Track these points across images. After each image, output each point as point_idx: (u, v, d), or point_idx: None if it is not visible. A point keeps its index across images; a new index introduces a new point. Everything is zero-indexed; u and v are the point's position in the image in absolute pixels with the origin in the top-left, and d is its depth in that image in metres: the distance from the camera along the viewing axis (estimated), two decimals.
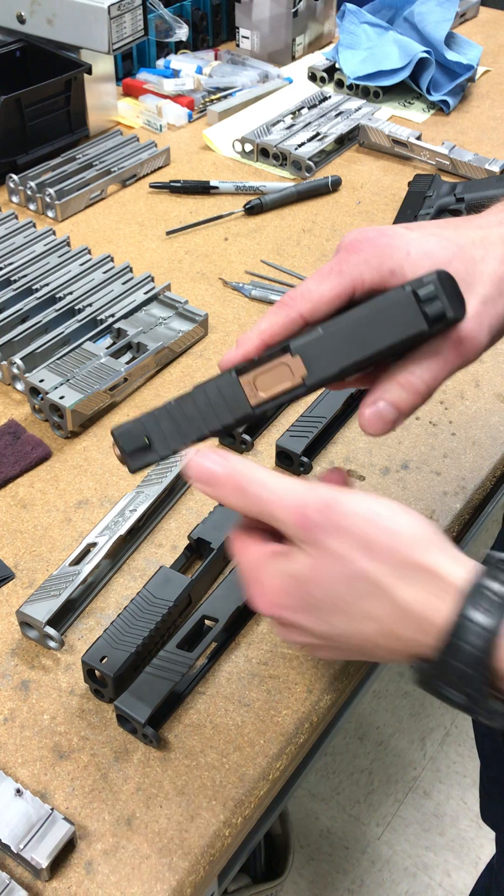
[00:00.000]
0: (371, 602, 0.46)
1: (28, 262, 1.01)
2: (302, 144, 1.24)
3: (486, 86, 1.48)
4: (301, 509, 0.47)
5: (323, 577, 0.47)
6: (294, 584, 0.48)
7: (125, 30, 1.19)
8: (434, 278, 0.47)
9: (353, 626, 0.47)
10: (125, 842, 0.56)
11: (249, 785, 0.59)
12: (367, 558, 0.46)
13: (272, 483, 0.48)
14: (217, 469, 0.49)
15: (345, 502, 0.47)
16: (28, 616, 0.65)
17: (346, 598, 0.47)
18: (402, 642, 0.47)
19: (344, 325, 0.49)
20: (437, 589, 0.45)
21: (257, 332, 0.53)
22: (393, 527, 0.46)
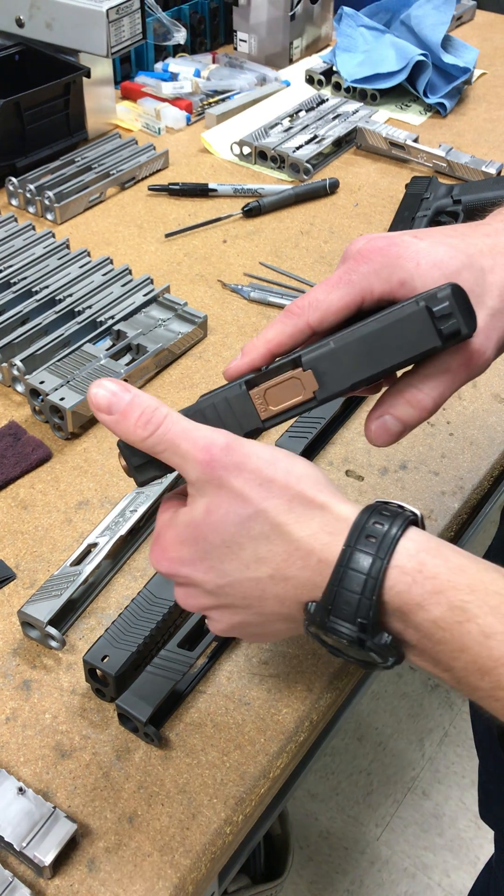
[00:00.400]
0: (264, 544, 0.48)
1: (28, 264, 1.01)
2: (300, 147, 1.25)
3: (483, 88, 1.49)
4: (207, 447, 0.48)
5: (217, 518, 0.48)
6: (189, 532, 0.49)
7: (124, 33, 1.20)
8: (448, 293, 0.47)
9: (245, 572, 0.49)
10: (127, 840, 0.57)
11: (250, 783, 0.60)
12: (263, 495, 0.48)
13: (180, 419, 0.49)
14: (124, 398, 0.49)
15: (247, 444, 0.49)
16: (29, 616, 0.66)
17: (239, 541, 0.48)
18: (293, 585, 0.48)
19: (356, 339, 0.49)
20: (329, 525, 0.47)
21: (264, 341, 0.53)
22: (290, 468, 0.48)
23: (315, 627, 0.48)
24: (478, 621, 0.43)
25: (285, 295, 1.01)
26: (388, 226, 1.12)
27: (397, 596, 0.45)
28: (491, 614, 0.43)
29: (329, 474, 0.81)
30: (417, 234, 0.53)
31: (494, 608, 0.43)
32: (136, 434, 0.49)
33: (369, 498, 0.79)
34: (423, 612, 0.44)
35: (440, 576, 0.44)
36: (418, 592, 0.44)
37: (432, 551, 0.45)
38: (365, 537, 0.46)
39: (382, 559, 0.45)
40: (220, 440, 0.48)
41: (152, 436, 0.49)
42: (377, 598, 0.45)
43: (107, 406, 0.49)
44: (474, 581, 0.44)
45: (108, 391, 0.49)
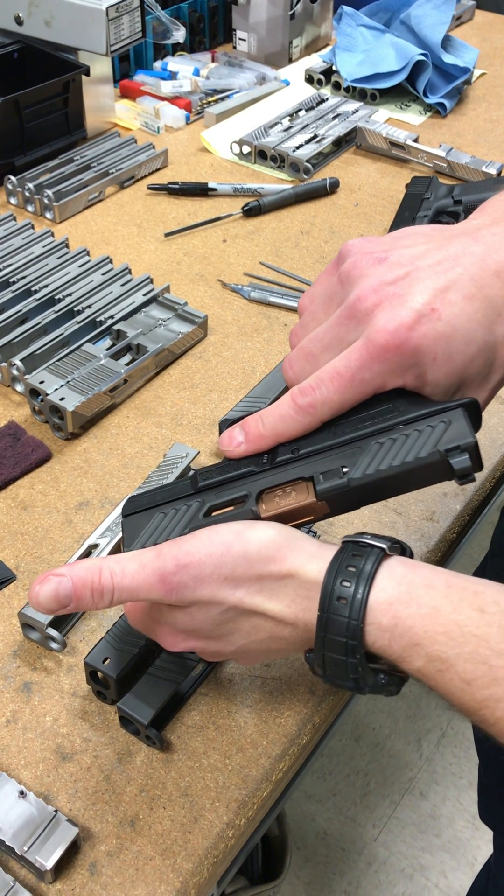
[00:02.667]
0: (250, 621, 0.51)
1: (27, 263, 1.01)
2: (300, 146, 1.24)
3: (483, 88, 1.49)
4: (161, 579, 0.50)
5: (202, 619, 0.52)
6: (181, 627, 0.53)
7: (123, 31, 1.20)
8: (470, 447, 0.48)
9: (248, 638, 0.52)
10: (129, 843, 0.56)
11: (252, 786, 0.59)
12: (231, 589, 0.50)
13: (123, 569, 0.51)
14: (65, 584, 0.50)
15: (193, 552, 0.50)
16: (30, 618, 0.65)
17: (229, 626, 0.52)
18: (290, 642, 0.52)
19: (374, 481, 0.50)
20: (303, 590, 0.49)
21: (273, 434, 0.54)
22: (245, 549, 0.50)
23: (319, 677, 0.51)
24: (456, 669, 0.44)
25: (285, 295, 1.01)
26: (388, 226, 1.12)
27: (380, 650, 0.47)
28: (468, 661, 0.44)
29: None
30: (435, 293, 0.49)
31: (470, 654, 0.44)
32: (99, 607, 0.51)
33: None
34: (406, 664, 0.46)
35: (415, 626, 0.45)
36: (398, 647, 0.46)
37: (404, 600, 0.46)
38: (336, 599, 0.47)
39: (357, 621, 0.46)
40: (168, 566, 0.50)
41: (112, 601, 0.51)
42: (361, 656, 0.47)
43: (57, 602, 0.51)
44: (449, 626, 0.45)
45: (49, 589, 0.50)
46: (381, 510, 0.78)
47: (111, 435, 0.85)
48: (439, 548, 0.75)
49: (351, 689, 0.49)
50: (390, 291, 0.50)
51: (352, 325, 0.51)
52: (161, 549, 0.51)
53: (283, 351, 0.94)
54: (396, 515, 0.77)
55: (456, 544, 0.78)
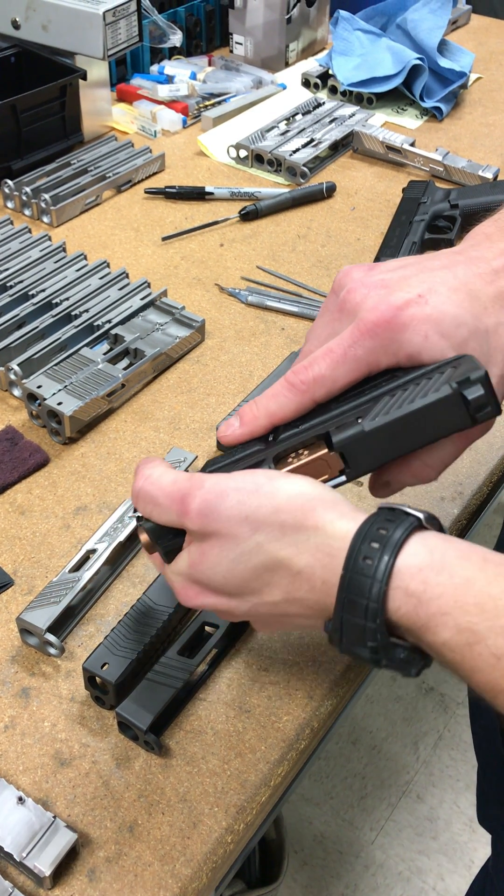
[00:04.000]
0: (265, 571, 0.48)
1: (24, 267, 1.01)
2: (296, 150, 1.25)
3: (479, 93, 1.49)
4: (182, 498, 0.49)
5: (213, 559, 0.49)
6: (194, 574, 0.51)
7: (120, 36, 1.20)
8: (482, 377, 0.47)
9: (261, 597, 0.49)
10: (127, 849, 0.56)
11: (251, 791, 0.59)
12: (251, 530, 0.48)
13: (159, 477, 0.51)
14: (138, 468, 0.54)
15: (223, 482, 0.49)
16: (28, 623, 0.65)
17: (243, 573, 0.49)
18: (307, 606, 0.49)
19: (388, 422, 0.49)
20: (325, 546, 0.47)
21: (266, 413, 0.53)
22: (274, 492, 0.48)
23: (336, 646, 0.48)
24: (487, 643, 0.42)
25: (283, 299, 1.01)
26: (384, 230, 1.12)
27: (404, 617, 0.44)
28: (501, 634, 0.42)
29: None
30: (422, 284, 0.51)
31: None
32: (133, 501, 0.52)
33: (369, 504, 0.78)
34: (431, 635, 0.43)
35: (445, 595, 0.43)
36: (424, 614, 0.43)
37: (436, 567, 0.44)
38: (362, 559, 0.45)
39: (381, 582, 0.44)
40: (194, 489, 0.49)
41: (138, 500, 0.51)
42: (381, 622, 0.44)
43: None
44: (482, 598, 0.42)
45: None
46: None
47: (109, 439, 0.85)
48: None
49: (368, 660, 0.46)
50: (380, 284, 0.51)
51: (344, 317, 0.52)
52: (196, 475, 0.51)
53: (280, 355, 0.94)
54: None
55: None
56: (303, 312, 0.99)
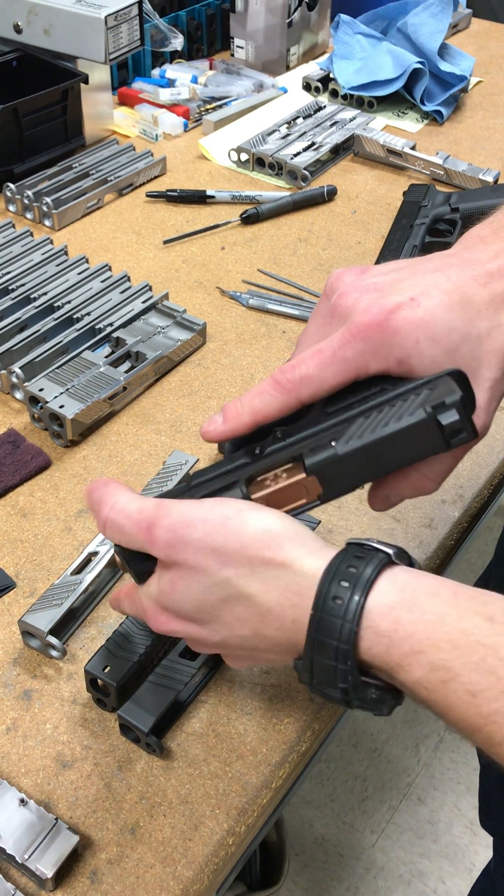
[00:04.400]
0: (235, 606, 0.48)
1: (26, 270, 1.01)
2: (297, 154, 1.25)
3: (479, 96, 1.49)
4: (149, 528, 0.48)
5: (183, 589, 0.49)
6: (165, 600, 0.50)
7: (122, 40, 1.20)
8: (457, 401, 0.46)
9: (230, 630, 0.49)
10: (129, 851, 0.56)
11: (252, 793, 0.59)
12: (219, 564, 0.47)
13: (125, 505, 0.50)
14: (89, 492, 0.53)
15: (190, 513, 0.48)
16: (30, 626, 0.66)
17: (212, 605, 0.48)
18: (276, 643, 0.48)
19: (362, 446, 0.48)
20: (295, 585, 0.46)
21: (250, 411, 0.52)
22: (241, 528, 0.47)
23: (306, 685, 0.47)
24: (461, 679, 0.41)
25: (284, 302, 1.01)
26: (385, 233, 1.12)
27: (376, 657, 0.44)
28: (475, 671, 0.41)
29: None
30: (414, 287, 0.50)
31: (478, 664, 0.41)
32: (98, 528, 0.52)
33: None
34: (404, 674, 0.43)
35: (417, 633, 0.42)
36: (396, 654, 0.43)
37: (407, 605, 0.43)
38: (332, 599, 0.44)
39: (352, 623, 0.43)
40: (161, 519, 0.48)
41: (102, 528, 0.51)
42: (353, 663, 0.44)
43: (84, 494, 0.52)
44: (455, 634, 0.42)
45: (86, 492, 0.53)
46: (381, 517, 0.78)
47: (110, 442, 0.85)
48: (438, 555, 0.76)
49: (338, 700, 0.46)
50: (371, 288, 0.51)
51: (335, 320, 0.51)
52: (163, 501, 0.50)
53: (281, 358, 0.94)
54: (395, 522, 0.78)
55: (454, 551, 0.78)
56: (304, 315, 1.00)
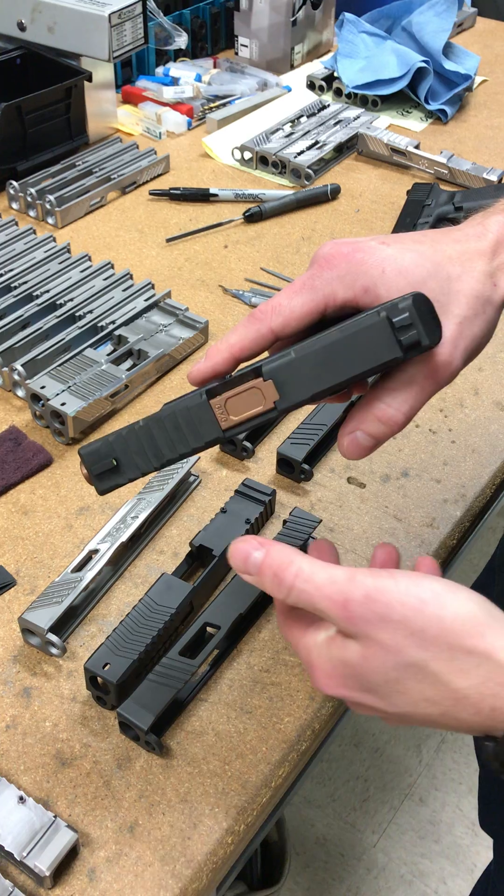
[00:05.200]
0: (428, 688, 0.46)
1: (28, 268, 1.01)
2: (301, 153, 1.25)
3: (484, 95, 1.49)
4: (344, 603, 0.46)
5: (376, 665, 0.46)
6: (349, 670, 0.47)
7: (125, 38, 1.20)
8: (409, 304, 0.46)
9: (415, 707, 0.47)
10: (128, 849, 0.56)
11: (252, 792, 0.59)
12: (417, 647, 0.45)
13: (312, 574, 0.48)
14: (256, 558, 0.49)
15: (387, 591, 0.46)
16: (30, 623, 0.65)
17: (403, 683, 0.46)
18: (467, 725, 0.46)
19: (316, 349, 0.48)
20: (496, 674, 0.44)
21: (227, 345, 0.53)
22: (441, 613, 0.45)
23: (498, 764, 0.46)
24: None
25: None
26: (389, 232, 1.12)
27: None
28: None
29: (331, 481, 0.81)
30: (385, 239, 0.52)
31: None
32: (274, 593, 0.49)
33: (371, 505, 0.78)
34: None
35: None
36: None
37: None
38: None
39: None
40: (356, 594, 0.46)
41: (287, 598, 0.48)
42: None
43: (244, 566, 0.49)
44: None
45: (242, 554, 0.49)
46: (382, 517, 0.78)
47: None
48: (439, 554, 0.75)
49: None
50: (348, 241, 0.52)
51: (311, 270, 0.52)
52: (356, 574, 0.47)
53: None
54: (397, 521, 0.77)
55: (456, 550, 0.78)
56: None
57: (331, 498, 0.79)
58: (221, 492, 0.80)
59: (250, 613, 0.68)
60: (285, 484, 0.81)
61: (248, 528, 0.73)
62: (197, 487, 0.80)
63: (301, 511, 0.74)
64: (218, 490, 0.80)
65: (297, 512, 0.74)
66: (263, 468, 0.82)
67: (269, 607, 0.70)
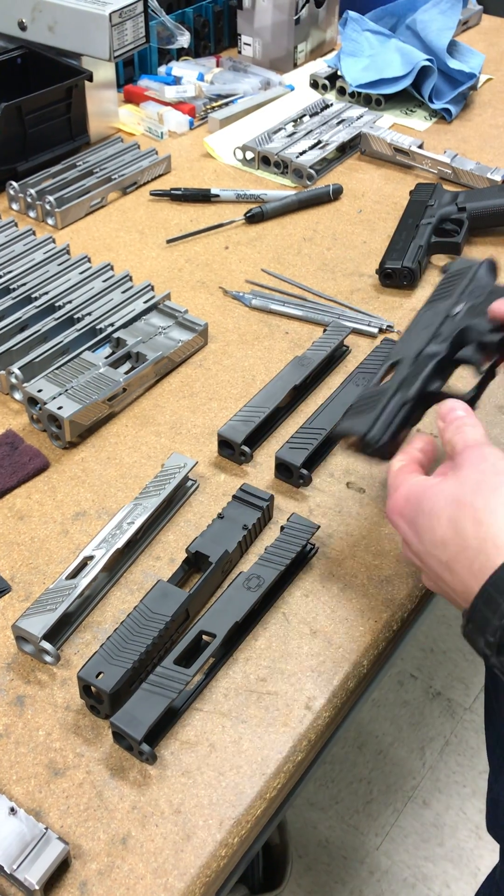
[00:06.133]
0: (452, 529, 0.54)
1: (27, 270, 1.00)
2: (303, 152, 1.24)
3: (489, 94, 1.48)
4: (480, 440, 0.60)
5: (442, 489, 0.57)
6: (414, 490, 0.59)
7: (126, 37, 1.19)
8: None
9: (431, 549, 0.56)
10: (120, 862, 0.56)
11: (246, 804, 0.58)
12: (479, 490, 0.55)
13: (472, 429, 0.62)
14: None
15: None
16: (24, 630, 0.65)
17: (438, 516, 0.56)
18: (458, 579, 0.54)
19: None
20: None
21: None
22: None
23: (475, 615, 0.52)
24: None
25: (287, 303, 1.00)
26: (391, 232, 1.11)
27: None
28: None
29: (329, 486, 0.80)
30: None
31: None
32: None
33: (371, 511, 0.78)
34: None
35: None
36: None
37: None
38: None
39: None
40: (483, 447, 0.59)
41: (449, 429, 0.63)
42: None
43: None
44: None
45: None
46: (381, 522, 0.77)
47: (109, 444, 0.84)
48: None
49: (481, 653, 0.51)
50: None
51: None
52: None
53: (283, 359, 0.93)
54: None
55: None
56: (307, 316, 0.99)
57: (330, 503, 0.78)
58: (220, 497, 0.79)
59: (246, 621, 0.67)
60: (284, 489, 0.80)
61: (246, 534, 0.73)
62: (195, 492, 0.79)
63: (298, 517, 0.73)
64: (216, 495, 0.79)
65: (294, 518, 0.73)
66: (262, 473, 0.81)
67: (266, 615, 0.69)
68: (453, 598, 0.57)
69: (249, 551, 0.74)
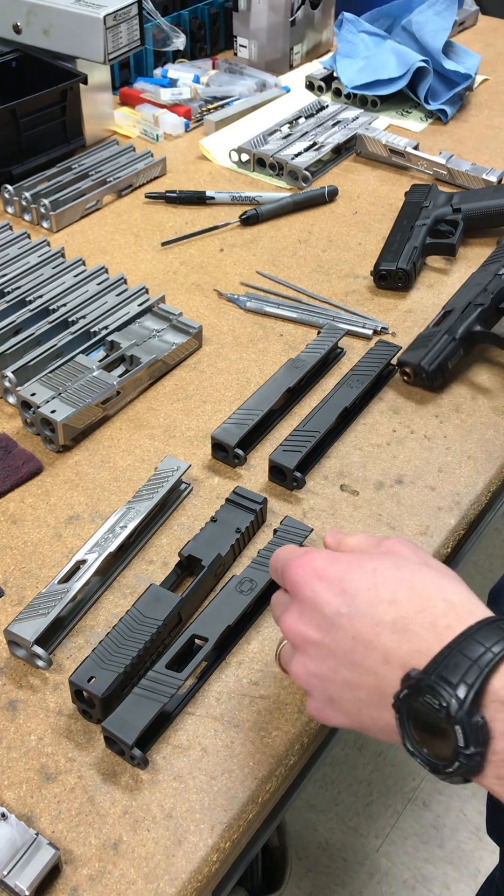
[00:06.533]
0: (405, 589, 0.48)
1: (22, 273, 1.00)
2: (299, 154, 1.24)
3: (485, 95, 1.48)
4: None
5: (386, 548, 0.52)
6: (341, 559, 0.51)
7: (121, 39, 1.19)
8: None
9: (372, 608, 0.48)
10: (111, 867, 0.56)
11: (238, 808, 0.58)
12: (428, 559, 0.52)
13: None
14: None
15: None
16: (15, 635, 0.65)
17: (384, 574, 0.49)
18: (407, 641, 0.47)
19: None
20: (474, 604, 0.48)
21: None
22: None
23: (409, 691, 0.46)
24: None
25: (282, 305, 1.00)
26: (387, 234, 1.11)
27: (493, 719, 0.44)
28: None
29: (323, 489, 0.80)
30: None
31: None
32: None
33: (364, 513, 0.77)
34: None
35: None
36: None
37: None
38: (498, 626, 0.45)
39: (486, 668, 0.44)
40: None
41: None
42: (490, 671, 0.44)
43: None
44: None
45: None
46: (375, 525, 0.77)
47: (103, 447, 0.84)
48: None
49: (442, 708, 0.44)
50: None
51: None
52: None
53: (278, 361, 0.93)
54: (390, 530, 0.76)
55: (450, 559, 0.77)
56: (301, 319, 0.98)
57: (323, 506, 0.78)
58: (213, 500, 0.79)
59: (239, 625, 0.67)
60: (277, 492, 0.80)
61: (239, 537, 0.73)
62: (188, 495, 0.79)
63: (291, 520, 0.73)
64: (210, 498, 0.79)
65: (287, 521, 0.73)
66: (255, 475, 0.81)
67: (258, 619, 0.69)
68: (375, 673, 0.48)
69: (243, 554, 0.74)
